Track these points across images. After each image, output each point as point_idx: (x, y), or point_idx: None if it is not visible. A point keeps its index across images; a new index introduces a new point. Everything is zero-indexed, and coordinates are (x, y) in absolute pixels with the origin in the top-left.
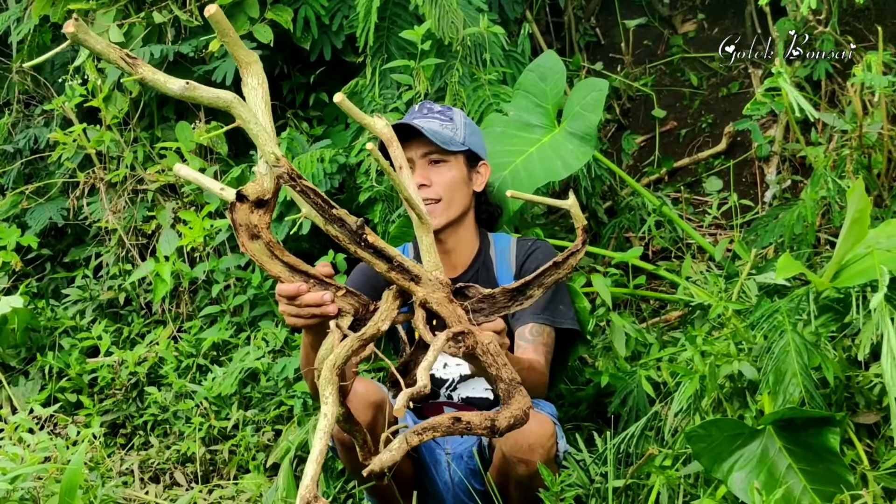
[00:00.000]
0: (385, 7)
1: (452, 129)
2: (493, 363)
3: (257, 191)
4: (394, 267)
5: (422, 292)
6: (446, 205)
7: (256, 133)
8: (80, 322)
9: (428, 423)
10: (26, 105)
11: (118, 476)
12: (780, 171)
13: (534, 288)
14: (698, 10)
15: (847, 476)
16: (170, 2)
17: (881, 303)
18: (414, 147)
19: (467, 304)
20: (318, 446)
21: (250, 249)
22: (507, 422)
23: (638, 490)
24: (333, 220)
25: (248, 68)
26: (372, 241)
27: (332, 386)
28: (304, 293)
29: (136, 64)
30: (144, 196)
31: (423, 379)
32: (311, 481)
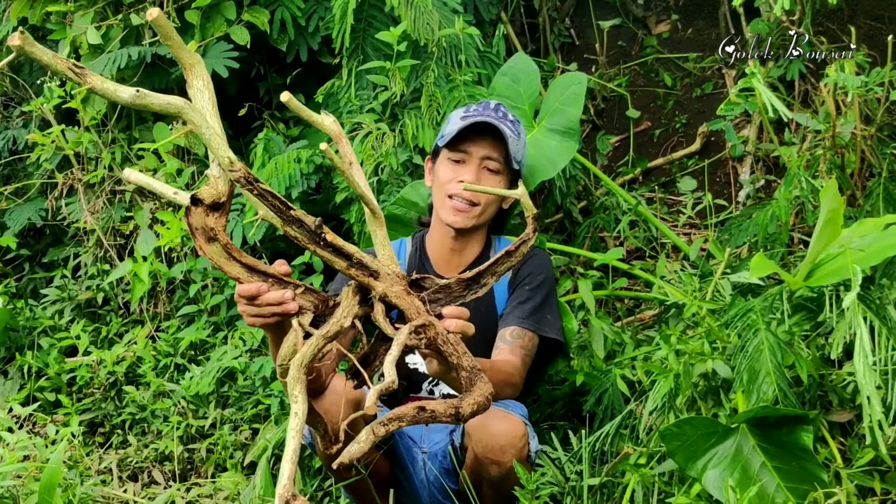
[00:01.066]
0: (361, 9)
1: (518, 145)
2: (454, 352)
3: (212, 194)
4: (353, 264)
5: (381, 287)
6: (480, 212)
7: (209, 137)
8: (58, 322)
9: (393, 414)
10: (5, 106)
11: (97, 474)
12: (753, 170)
13: (487, 276)
14: (672, 11)
15: (820, 474)
16: (147, 4)
17: (854, 302)
18: (478, 145)
19: (424, 295)
20: (291, 444)
21: (208, 252)
22: (470, 408)
23: (613, 488)
24: (292, 221)
25: (191, 70)
26: (330, 239)
27: (301, 385)
28: (264, 293)
29: (83, 74)
30: (122, 197)
31: (390, 374)
32: (287, 480)
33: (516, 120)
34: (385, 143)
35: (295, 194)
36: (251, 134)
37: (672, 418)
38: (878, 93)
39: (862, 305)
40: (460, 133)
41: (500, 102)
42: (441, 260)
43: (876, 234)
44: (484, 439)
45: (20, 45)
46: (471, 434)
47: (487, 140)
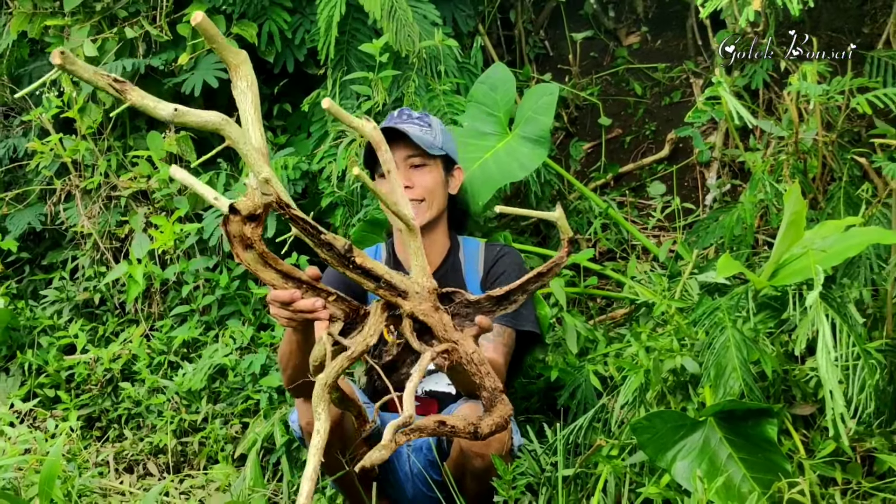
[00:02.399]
0: (345, 22)
1: (432, 134)
2: (478, 373)
3: (249, 206)
4: (381, 285)
5: (409, 306)
6: (427, 205)
7: (247, 153)
8: (57, 321)
9: (416, 426)
10: (5, 116)
11: (94, 467)
12: (720, 175)
13: (518, 294)
14: (642, 23)
15: (784, 465)
16: (141, 18)
17: (816, 300)
18: (396, 150)
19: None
20: (312, 463)
21: (244, 259)
22: (489, 428)
23: (586, 479)
24: (322, 245)
25: (236, 70)
26: (360, 262)
27: (325, 403)
28: (297, 299)
29: (125, 90)
30: (118, 202)
31: (409, 408)
32: (306, 499)
33: (423, 114)
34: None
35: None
36: None
37: (643, 412)
38: (838, 101)
39: (824, 304)
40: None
41: (404, 108)
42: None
43: (837, 235)
44: None
45: (62, 64)
46: None
47: (398, 144)
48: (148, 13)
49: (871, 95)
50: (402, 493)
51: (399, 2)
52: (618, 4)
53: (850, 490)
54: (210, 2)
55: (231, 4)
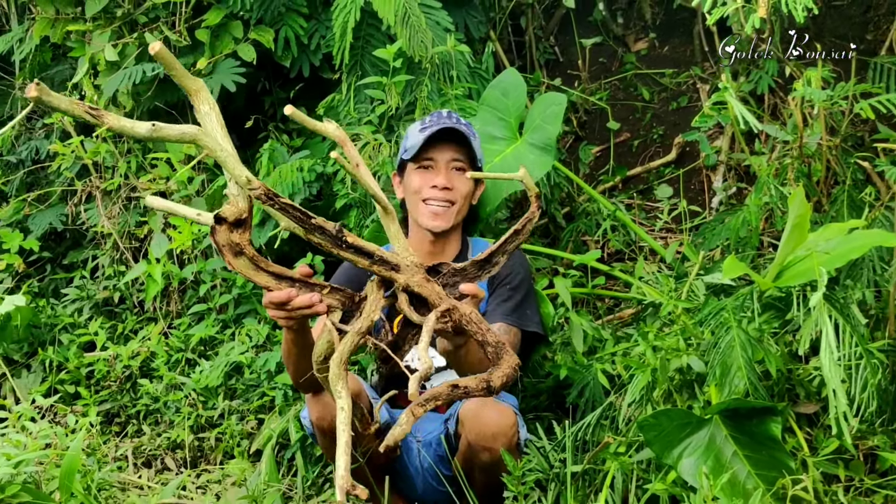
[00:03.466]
0: (359, 28)
1: (477, 144)
2: (479, 330)
3: (234, 212)
4: (375, 261)
5: (403, 278)
6: (456, 210)
7: (224, 159)
8: (78, 319)
9: (429, 394)
10: (28, 119)
11: (113, 461)
12: (726, 178)
13: (499, 255)
14: (650, 29)
15: (788, 462)
16: (161, 23)
17: (820, 301)
18: (442, 150)
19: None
20: (343, 437)
21: (236, 266)
22: (500, 380)
23: (594, 475)
24: (314, 229)
25: (197, 95)
26: (352, 241)
27: (342, 381)
28: (294, 298)
29: (100, 115)
30: (137, 203)
31: (426, 360)
32: (345, 471)
33: (469, 124)
34: (381, 152)
35: (298, 201)
36: (257, 145)
37: (649, 410)
38: (842, 106)
39: (827, 305)
40: (424, 144)
41: (450, 111)
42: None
43: (840, 238)
44: (476, 427)
45: (37, 96)
46: (464, 422)
47: (450, 145)
48: (167, 19)
49: (875, 101)
50: (412, 488)
51: (412, 8)
52: (626, 11)
53: (853, 487)
54: (228, 8)
55: (248, 10)
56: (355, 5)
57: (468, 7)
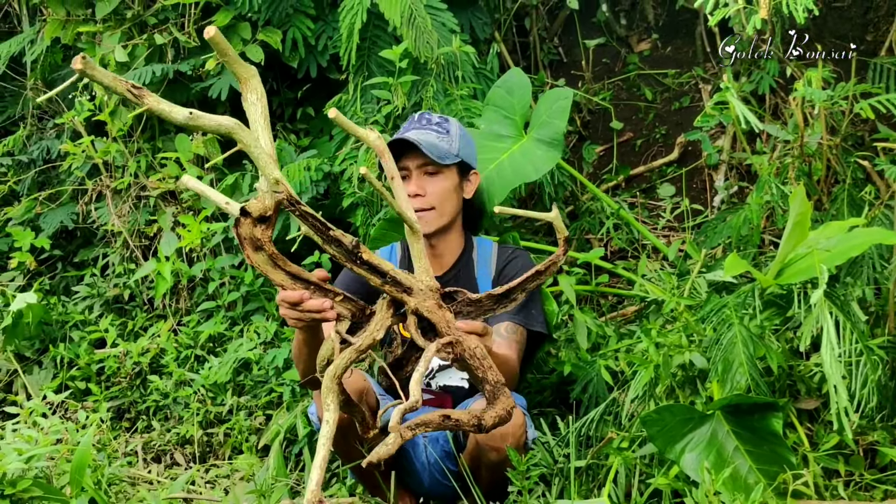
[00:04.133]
0: (366, 29)
1: (448, 141)
2: (480, 366)
3: (259, 208)
4: (387, 281)
5: (413, 302)
6: (438, 213)
7: (257, 156)
8: (88, 316)
9: (420, 420)
10: (39, 119)
11: (123, 456)
12: (727, 177)
13: (517, 293)
14: (652, 30)
15: (789, 457)
16: (170, 25)
17: (821, 298)
18: (411, 158)
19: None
20: (321, 452)
21: (255, 260)
22: (492, 420)
23: (598, 470)
24: (331, 241)
25: (246, 83)
26: (367, 258)
27: (333, 394)
28: (306, 300)
29: (141, 95)
30: (147, 202)
31: (414, 394)
32: (315, 486)
33: (442, 119)
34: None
35: (305, 200)
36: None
37: (652, 405)
38: (842, 106)
39: (828, 302)
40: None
41: (424, 112)
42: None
43: (841, 236)
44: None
45: (82, 69)
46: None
47: (414, 151)
48: (176, 20)
49: (874, 101)
50: (419, 483)
51: (418, 10)
52: (629, 12)
53: (853, 482)
54: (236, 9)
55: (256, 12)
56: (362, 7)
57: (473, 8)
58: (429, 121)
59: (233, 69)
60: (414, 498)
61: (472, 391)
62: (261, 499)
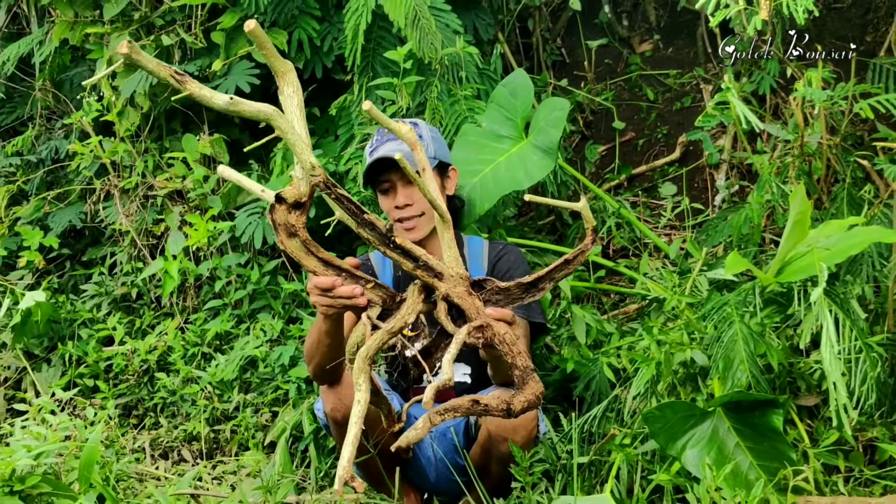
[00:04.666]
0: (371, 30)
1: (423, 146)
2: (509, 352)
3: (294, 194)
4: (419, 265)
5: (444, 287)
6: (428, 217)
7: (294, 142)
8: (96, 314)
9: (449, 405)
10: (48, 119)
11: (131, 453)
12: (728, 177)
13: (545, 282)
14: (654, 31)
15: (790, 453)
16: (177, 26)
17: (820, 296)
18: (392, 171)
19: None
20: (353, 430)
21: (288, 246)
22: (521, 405)
23: (600, 466)
24: (365, 224)
25: (283, 77)
26: (400, 242)
27: (365, 375)
28: (338, 286)
29: (184, 81)
30: (154, 201)
31: (447, 372)
32: (348, 462)
33: (412, 124)
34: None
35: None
36: (271, 143)
37: (654, 402)
38: (842, 106)
39: (828, 299)
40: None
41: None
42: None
43: (840, 234)
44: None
45: (127, 53)
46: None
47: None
48: (183, 21)
49: (874, 101)
50: (425, 479)
51: (423, 11)
52: (631, 14)
53: (853, 478)
54: (242, 11)
55: (262, 13)
56: (367, 8)
57: (477, 10)
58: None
59: (270, 62)
60: (419, 494)
61: (475, 387)
62: (267, 495)
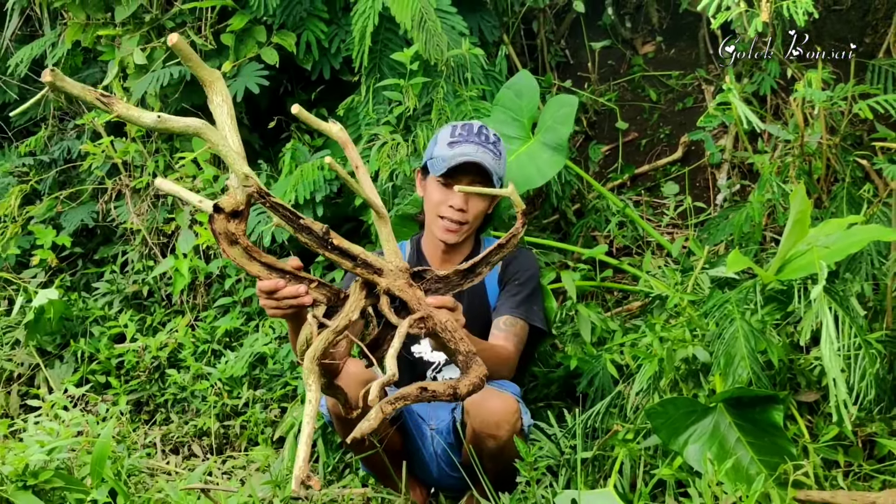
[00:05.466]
0: (378, 32)
1: (499, 164)
2: (451, 339)
3: (231, 203)
4: (358, 264)
5: (385, 282)
6: (470, 227)
7: (226, 153)
8: (108, 312)
9: (399, 393)
10: (60, 120)
11: (142, 448)
12: (730, 176)
13: (482, 266)
14: (657, 33)
15: (790, 448)
16: (187, 28)
17: (820, 294)
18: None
19: (424, 285)
20: (306, 430)
21: (231, 254)
22: (466, 388)
23: (603, 461)
24: (301, 229)
25: (211, 86)
26: (337, 243)
27: (314, 375)
28: (281, 287)
29: (110, 103)
30: (165, 200)
31: (391, 368)
32: (303, 462)
33: (497, 139)
34: (399, 152)
35: (319, 198)
36: (280, 144)
37: (656, 398)
38: (841, 106)
39: (827, 297)
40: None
41: (482, 124)
42: (435, 260)
43: (840, 233)
44: (480, 415)
45: (51, 81)
46: (469, 411)
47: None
48: (194, 24)
49: (873, 101)
50: (428, 474)
51: (429, 13)
52: (634, 15)
53: (852, 472)
54: (252, 13)
55: (271, 16)
56: (374, 11)
57: (482, 12)
58: (487, 138)
59: (197, 73)
60: (424, 488)
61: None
62: (276, 489)
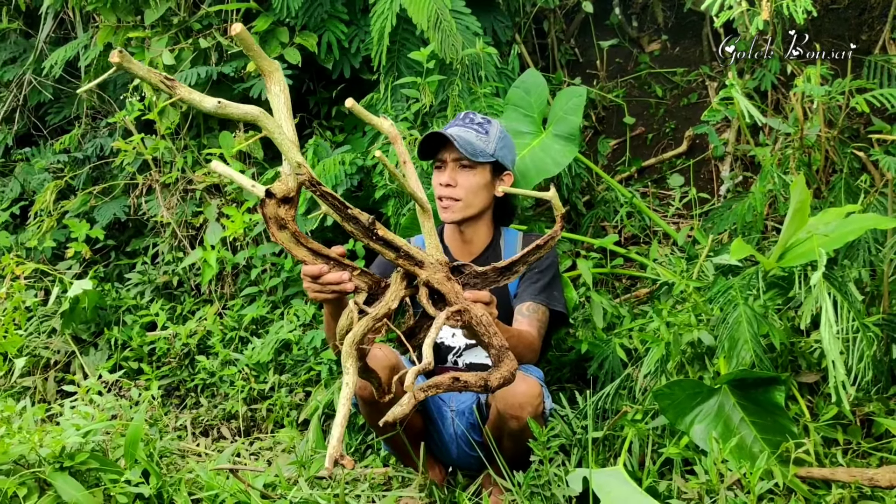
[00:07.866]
0: (395, 32)
1: (486, 141)
2: (486, 333)
3: (283, 189)
4: (401, 255)
5: (425, 274)
6: (464, 204)
7: (280, 142)
8: (140, 301)
9: (432, 382)
10: (93, 118)
11: (173, 431)
12: (733, 168)
13: (519, 265)
14: (662, 32)
15: (791, 427)
16: (213, 30)
17: (820, 280)
18: (449, 150)
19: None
20: (342, 411)
21: (279, 238)
22: (497, 381)
23: (613, 440)
24: (349, 219)
25: (270, 76)
26: (382, 234)
27: (352, 359)
28: (325, 273)
29: (173, 86)
30: (193, 195)
31: (427, 356)
32: (337, 442)
33: (485, 120)
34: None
35: (340, 192)
36: (302, 141)
37: (664, 380)
38: (839, 100)
39: (826, 283)
40: (432, 146)
41: (470, 111)
42: (455, 249)
43: (838, 221)
44: (506, 397)
45: (119, 62)
46: (495, 393)
47: (451, 145)
48: (220, 25)
49: (869, 95)
50: (447, 454)
51: (444, 14)
52: (640, 15)
53: (851, 450)
54: (275, 15)
55: (293, 18)
56: (391, 12)
57: (495, 13)
58: (472, 119)
59: (257, 63)
60: (443, 467)
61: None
62: (301, 469)
